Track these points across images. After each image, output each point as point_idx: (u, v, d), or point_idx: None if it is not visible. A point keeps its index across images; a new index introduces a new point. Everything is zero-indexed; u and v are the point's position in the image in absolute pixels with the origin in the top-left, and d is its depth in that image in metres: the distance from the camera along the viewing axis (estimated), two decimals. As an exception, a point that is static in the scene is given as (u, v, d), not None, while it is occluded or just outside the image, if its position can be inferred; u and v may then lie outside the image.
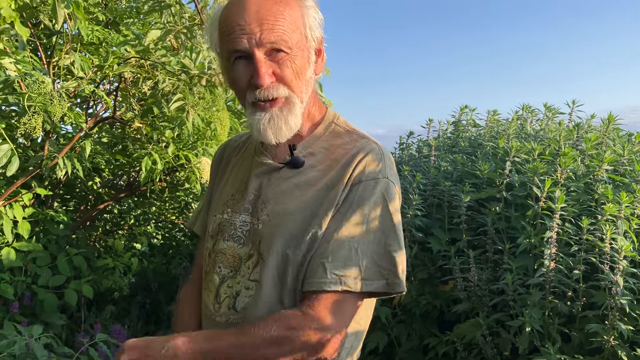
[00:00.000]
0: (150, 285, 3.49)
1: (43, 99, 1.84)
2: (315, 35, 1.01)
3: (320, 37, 1.03)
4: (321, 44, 1.04)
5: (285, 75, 0.97)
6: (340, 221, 0.99)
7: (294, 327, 0.94)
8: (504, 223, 2.04)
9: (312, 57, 1.02)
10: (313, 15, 1.01)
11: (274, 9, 0.96)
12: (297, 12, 0.98)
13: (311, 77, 1.02)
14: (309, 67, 1.01)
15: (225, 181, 1.18)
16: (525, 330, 1.75)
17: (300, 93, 1.01)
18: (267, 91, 0.97)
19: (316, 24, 1.02)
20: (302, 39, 0.99)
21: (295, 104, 0.99)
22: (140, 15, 3.36)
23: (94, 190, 3.32)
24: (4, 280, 2.75)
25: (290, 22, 0.96)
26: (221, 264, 1.08)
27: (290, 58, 0.97)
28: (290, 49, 0.96)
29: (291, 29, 0.96)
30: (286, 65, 0.97)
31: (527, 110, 2.68)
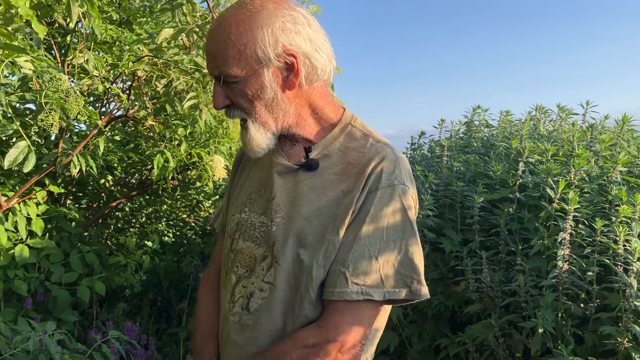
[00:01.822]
0: (162, 283, 3.52)
1: (59, 96, 1.86)
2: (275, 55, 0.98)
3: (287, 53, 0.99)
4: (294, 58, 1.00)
5: (236, 101, 1.03)
6: (358, 229, 0.99)
7: (312, 345, 0.97)
8: (517, 224, 2.03)
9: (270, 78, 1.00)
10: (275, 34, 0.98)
11: (222, 40, 0.98)
12: (246, 38, 0.97)
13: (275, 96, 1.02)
14: (265, 88, 1.00)
15: (244, 181, 1.19)
16: (538, 332, 1.74)
17: (258, 116, 1.02)
18: (228, 113, 1.05)
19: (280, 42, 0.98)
20: (251, 64, 0.98)
21: (250, 127, 1.03)
22: (154, 14, 3.38)
23: (106, 188, 3.35)
24: (18, 277, 2.78)
25: (235, 50, 0.97)
26: (238, 263, 1.09)
27: (239, 85, 1.00)
28: (236, 77, 0.99)
29: (235, 56, 0.97)
30: (235, 92, 1.01)
31: (540, 111, 2.67)
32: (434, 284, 2.20)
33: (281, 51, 0.99)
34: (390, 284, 0.98)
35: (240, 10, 0.99)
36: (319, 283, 1.00)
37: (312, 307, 1.01)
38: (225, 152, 3.06)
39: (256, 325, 1.03)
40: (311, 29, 1.02)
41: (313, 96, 1.07)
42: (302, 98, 1.06)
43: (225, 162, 2.97)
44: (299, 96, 1.05)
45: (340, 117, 1.11)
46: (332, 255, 0.99)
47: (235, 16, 0.98)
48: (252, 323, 1.04)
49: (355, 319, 0.98)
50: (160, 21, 3.38)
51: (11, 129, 1.97)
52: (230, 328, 1.07)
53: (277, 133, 1.05)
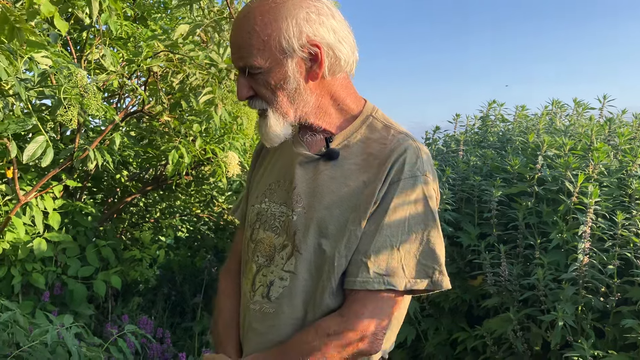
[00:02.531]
0: (175, 278, 3.54)
1: (78, 91, 1.87)
2: (299, 45, 0.99)
3: (311, 44, 1.00)
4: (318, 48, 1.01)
5: (259, 92, 1.03)
6: (381, 220, 0.99)
7: (334, 334, 0.97)
8: (535, 218, 2.03)
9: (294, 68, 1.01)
10: (299, 24, 0.99)
11: (246, 31, 0.99)
12: (271, 28, 0.98)
13: (297, 87, 1.02)
14: (289, 79, 1.01)
15: (263, 171, 1.20)
16: (558, 325, 1.74)
17: (279, 106, 1.03)
18: (251, 104, 1.05)
19: (304, 33, 0.99)
20: (275, 55, 0.99)
21: (270, 117, 1.03)
22: (168, 10, 3.39)
23: (121, 183, 3.37)
24: (36, 270, 2.81)
25: (259, 41, 0.98)
26: (259, 252, 1.09)
27: (262, 76, 1.01)
28: (260, 68, 0.99)
29: (260, 48, 0.98)
30: (259, 82, 1.02)
31: (557, 106, 2.66)
32: (450, 278, 2.18)
33: (305, 42, 0.99)
34: (411, 274, 0.99)
35: (265, 1, 1.00)
36: (341, 273, 1.01)
37: (333, 296, 1.02)
38: (239, 148, 3.07)
39: (277, 313, 1.04)
40: (335, 20, 1.03)
41: (335, 87, 1.08)
42: (324, 89, 1.06)
43: (239, 158, 2.98)
44: (321, 87, 1.06)
45: (361, 108, 1.11)
46: (353, 245, 1.00)
47: (260, 7, 0.99)
48: (273, 311, 1.05)
49: (376, 309, 0.99)
50: (175, 17, 3.39)
51: (30, 124, 1.99)
52: (252, 316, 1.08)
53: (295, 123, 1.06)
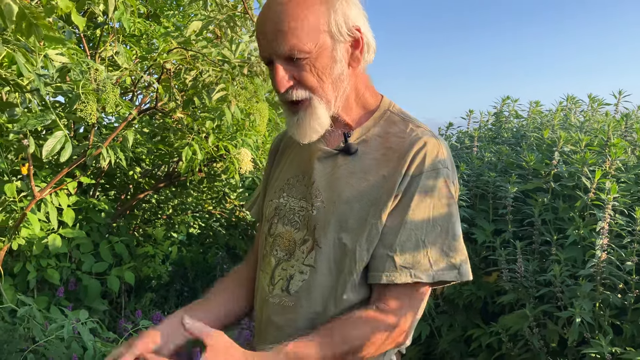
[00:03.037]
0: (187, 274, 3.55)
1: (96, 86, 1.88)
2: (346, 29, 0.99)
3: (355, 28, 1.00)
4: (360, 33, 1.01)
5: (304, 79, 0.99)
6: (404, 213, 0.99)
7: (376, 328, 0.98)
8: (551, 214, 2.02)
9: (342, 53, 1.01)
10: (343, 9, 0.99)
11: (290, 14, 0.96)
12: (318, 12, 0.97)
13: (342, 72, 1.02)
14: (336, 63, 1.00)
15: (282, 166, 1.20)
16: (576, 322, 1.73)
17: (324, 93, 1.01)
18: (288, 95, 1.00)
19: (349, 17, 0.99)
20: (324, 38, 0.98)
21: (316, 106, 1.01)
22: (180, 8, 3.40)
23: (134, 180, 3.38)
24: (51, 266, 2.83)
25: (307, 25, 0.96)
26: (278, 247, 1.10)
27: (310, 62, 0.98)
28: (309, 53, 0.96)
29: (309, 32, 0.96)
30: (305, 69, 0.98)
31: (571, 101, 2.64)
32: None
33: (351, 26, 1.00)
34: (438, 266, 0.99)
35: None
36: (363, 267, 1.01)
37: (355, 290, 1.02)
38: (252, 144, 3.08)
39: (296, 307, 1.05)
40: (362, 7, 1.03)
41: (358, 80, 1.08)
42: (353, 80, 1.06)
43: (252, 154, 2.98)
44: (352, 77, 1.06)
45: (379, 103, 1.11)
46: (375, 239, 1.00)
47: None
48: (292, 305, 1.05)
49: (408, 302, 1.00)
50: (187, 14, 3.40)
51: (49, 119, 2.00)
52: (271, 310, 1.08)
53: (333, 113, 1.04)
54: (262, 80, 2.81)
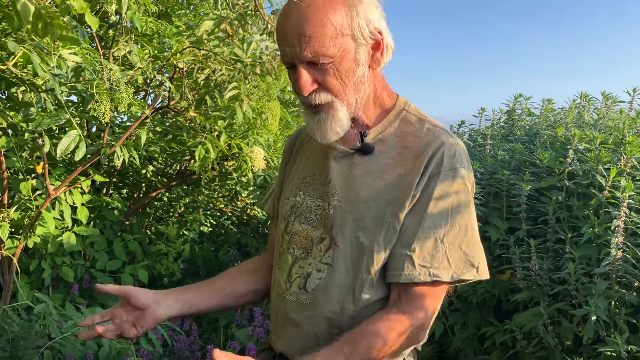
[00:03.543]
0: (199, 272, 3.57)
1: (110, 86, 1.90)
2: (368, 32, 1.00)
3: (377, 30, 1.01)
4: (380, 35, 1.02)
5: (327, 83, 1.00)
6: (422, 213, 1.00)
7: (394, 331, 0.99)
8: (565, 212, 2.02)
9: (364, 55, 1.01)
10: (365, 11, 0.99)
11: (314, 19, 0.96)
12: (341, 15, 0.97)
13: (363, 74, 1.03)
14: (358, 66, 1.01)
15: (297, 165, 1.21)
16: (591, 320, 1.73)
17: (346, 96, 1.02)
18: (310, 98, 1.01)
19: (371, 19, 1.00)
20: (347, 42, 0.98)
21: (338, 109, 1.02)
22: (191, 6, 3.42)
23: (147, 178, 3.41)
24: (65, 264, 2.86)
25: (331, 29, 0.96)
26: (295, 245, 1.11)
27: (333, 66, 0.98)
28: (332, 57, 0.97)
29: (332, 36, 0.96)
30: (328, 73, 0.99)
31: (585, 99, 2.63)
32: (479, 273, 2.20)
33: (372, 28, 1.00)
34: (457, 265, 1.00)
35: None
36: (381, 265, 1.03)
37: (373, 289, 1.03)
38: (263, 143, 3.09)
39: (313, 304, 1.06)
40: (381, 8, 1.04)
41: (376, 80, 1.09)
42: (371, 81, 1.07)
43: (264, 153, 2.99)
44: (371, 79, 1.06)
45: (394, 102, 1.12)
46: (392, 238, 1.01)
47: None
48: (309, 302, 1.07)
49: (425, 301, 1.01)
50: (198, 13, 3.41)
51: (63, 118, 2.02)
52: (288, 307, 1.10)
53: (353, 115, 1.06)
54: (274, 79, 2.82)
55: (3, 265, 2.77)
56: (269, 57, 2.68)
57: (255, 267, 1.29)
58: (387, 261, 1.03)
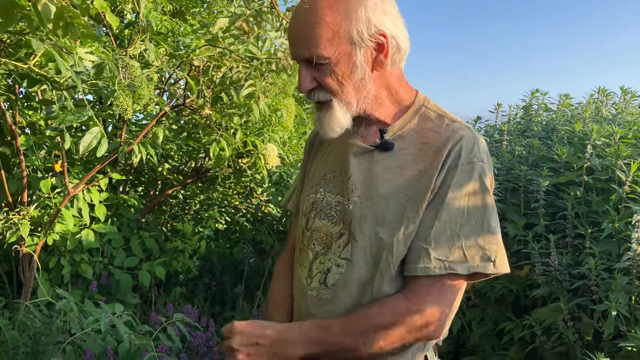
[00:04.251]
0: (215, 269, 3.60)
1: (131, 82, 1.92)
2: (368, 35, 1.00)
3: (379, 33, 1.01)
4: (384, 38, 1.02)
5: (324, 82, 1.03)
6: (440, 206, 1.01)
7: (400, 314, 1.00)
8: (585, 207, 2.01)
9: (362, 58, 1.02)
10: (366, 14, 1.00)
11: (311, 20, 0.99)
12: (338, 19, 0.99)
13: (363, 76, 1.04)
14: (357, 68, 1.02)
15: (317, 162, 1.22)
16: (611, 315, 1.73)
17: (345, 96, 1.04)
18: (311, 95, 1.05)
19: (373, 22, 1.00)
20: (343, 45, 1.00)
21: (335, 107, 1.04)
22: (205, 5, 3.43)
23: (163, 176, 3.43)
24: (84, 261, 2.89)
25: (327, 30, 0.99)
26: (315, 241, 1.12)
27: (329, 66, 1.01)
28: (328, 58, 1.00)
29: (328, 37, 0.99)
30: (325, 73, 1.02)
31: (603, 94, 2.62)
32: (496, 268, 2.20)
33: (373, 31, 1.01)
34: (473, 258, 1.00)
35: None
36: (400, 260, 1.03)
37: (392, 283, 1.04)
38: (278, 140, 3.11)
39: (334, 299, 1.07)
40: (395, 10, 1.05)
41: (391, 78, 1.09)
42: (382, 80, 1.08)
43: (279, 150, 3.01)
44: (380, 78, 1.08)
45: (413, 99, 1.13)
46: (412, 233, 1.02)
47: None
48: (329, 297, 1.07)
49: (440, 294, 1.01)
50: (212, 11, 3.43)
51: (85, 116, 2.05)
52: (309, 302, 1.11)
53: (355, 114, 1.07)
54: (289, 76, 2.83)
55: (23, 262, 2.80)
56: (284, 55, 2.69)
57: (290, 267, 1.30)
58: (405, 255, 1.03)
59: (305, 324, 1.05)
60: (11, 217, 2.62)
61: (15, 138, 2.72)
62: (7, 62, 1.94)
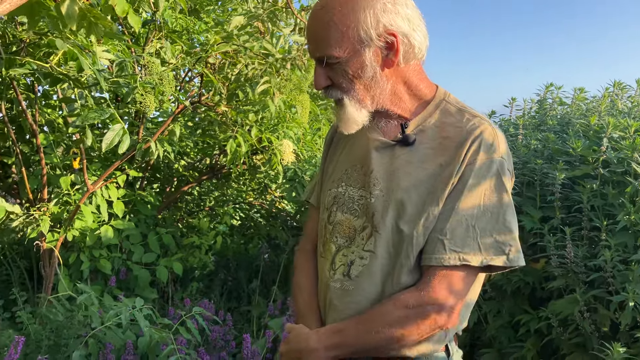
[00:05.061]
0: (229, 265, 3.64)
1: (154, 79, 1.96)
2: (376, 35, 1.03)
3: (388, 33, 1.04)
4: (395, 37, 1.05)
5: (336, 81, 1.08)
6: (457, 199, 1.03)
7: (413, 306, 1.02)
8: (600, 200, 2.02)
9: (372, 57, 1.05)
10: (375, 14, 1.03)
11: (322, 22, 1.04)
12: (348, 20, 1.02)
13: (374, 75, 1.07)
14: (366, 67, 1.05)
15: (338, 157, 1.25)
16: (629, 306, 1.74)
17: (356, 94, 1.08)
18: (326, 93, 1.10)
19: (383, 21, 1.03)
20: (352, 45, 1.03)
21: (347, 105, 1.08)
22: (219, 2, 3.46)
23: (179, 173, 3.48)
24: (103, 257, 2.94)
25: (337, 31, 1.03)
26: (338, 234, 1.15)
27: (340, 66, 1.05)
28: (338, 58, 1.04)
29: (337, 38, 1.03)
30: (336, 72, 1.07)
31: (618, 87, 2.62)
32: (512, 261, 2.22)
33: (382, 31, 1.04)
34: (487, 250, 1.02)
35: None
36: (419, 251, 1.06)
37: (411, 274, 1.07)
38: (292, 136, 3.13)
39: (357, 290, 1.10)
40: (408, 9, 1.07)
41: (409, 74, 1.12)
42: (399, 76, 1.11)
43: (294, 146, 3.04)
44: (395, 74, 1.10)
45: (434, 93, 1.15)
46: (431, 225, 1.04)
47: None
48: (353, 288, 1.10)
49: (453, 284, 1.03)
50: (226, 9, 3.47)
51: (107, 113, 2.09)
52: (332, 294, 1.13)
53: (372, 110, 1.11)
54: (304, 71, 2.85)
55: (44, 258, 2.86)
56: (299, 53, 2.71)
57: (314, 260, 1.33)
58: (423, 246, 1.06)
59: (321, 331, 1.10)
60: (32, 213, 2.67)
61: (35, 136, 2.78)
62: (30, 62, 1.98)
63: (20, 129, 3.00)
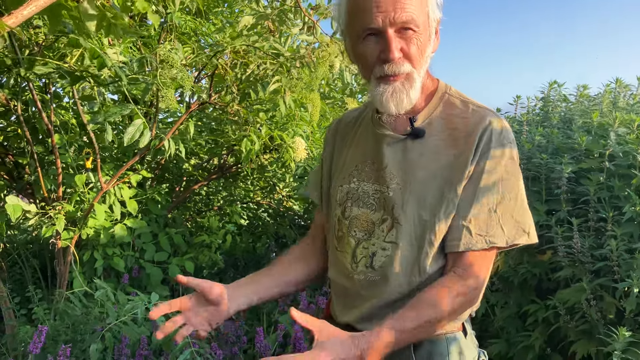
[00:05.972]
0: (238, 263, 3.69)
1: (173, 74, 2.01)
2: (435, 17, 1.10)
3: (438, 19, 1.11)
4: (438, 24, 1.13)
5: (411, 52, 1.07)
6: (475, 186, 1.09)
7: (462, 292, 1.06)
8: (606, 192, 2.08)
9: (432, 36, 1.11)
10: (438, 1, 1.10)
11: None
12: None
13: (429, 54, 1.12)
14: (429, 45, 1.10)
15: (345, 153, 1.28)
16: (633, 292, 1.80)
17: (420, 69, 1.10)
18: (394, 66, 1.06)
19: (437, 6, 1.11)
20: (426, 19, 1.08)
21: (415, 79, 1.08)
22: (225, 4, 3.53)
23: (188, 172, 3.53)
24: (116, 255, 2.99)
25: (418, 3, 1.06)
26: (356, 228, 1.18)
27: (417, 36, 1.06)
28: (418, 27, 1.05)
29: (419, 9, 1.06)
30: (413, 42, 1.06)
31: (620, 85, 2.68)
32: (520, 254, 2.28)
33: (438, 16, 1.12)
34: (510, 231, 1.09)
35: None
36: (441, 238, 1.11)
37: (435, 260, 1.12)
38: (302, 134, 3.19)
39: (382, 279, 1.14)
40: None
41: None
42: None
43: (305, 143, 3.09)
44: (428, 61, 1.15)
45: (436, 86, 1.19)
46: (451, 212, 1.10)
47: None
48: (379, 278, 1.14)
49: (483, 265, 1.10)
50: (233, 10, 3.53)
51: (128, 109, 2.15)
52: (358, 285, 1.17)
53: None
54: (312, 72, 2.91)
55: (59, 256, 2.91)
56: (308, 52, 2.77)
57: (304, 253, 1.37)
58: (446, 233, 1.12)
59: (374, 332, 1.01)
60: (47, 211, 2.73)
61: (50, 136, 2.83)
62: (52, 62, 2.04)
63: (34, 130, 3.06)
